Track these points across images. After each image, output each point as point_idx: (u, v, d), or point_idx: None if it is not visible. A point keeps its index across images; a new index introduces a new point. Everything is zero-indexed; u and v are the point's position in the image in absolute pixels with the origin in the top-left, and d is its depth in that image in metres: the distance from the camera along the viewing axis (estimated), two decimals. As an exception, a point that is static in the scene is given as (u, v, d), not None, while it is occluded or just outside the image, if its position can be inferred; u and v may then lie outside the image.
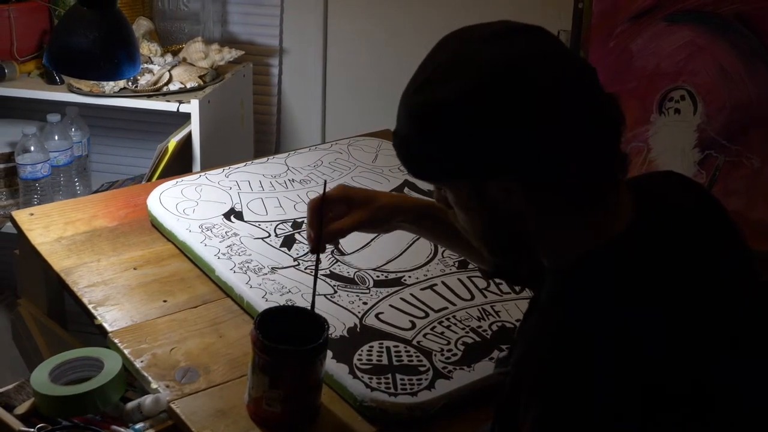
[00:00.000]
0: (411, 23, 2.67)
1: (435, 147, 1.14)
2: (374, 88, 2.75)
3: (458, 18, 2.61)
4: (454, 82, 1.14)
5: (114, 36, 1.80)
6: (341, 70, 2.76)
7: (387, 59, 2.72)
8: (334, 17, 2.71)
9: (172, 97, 2.39)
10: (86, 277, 1.72)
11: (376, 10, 2.68)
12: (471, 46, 1.19)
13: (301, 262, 1.76)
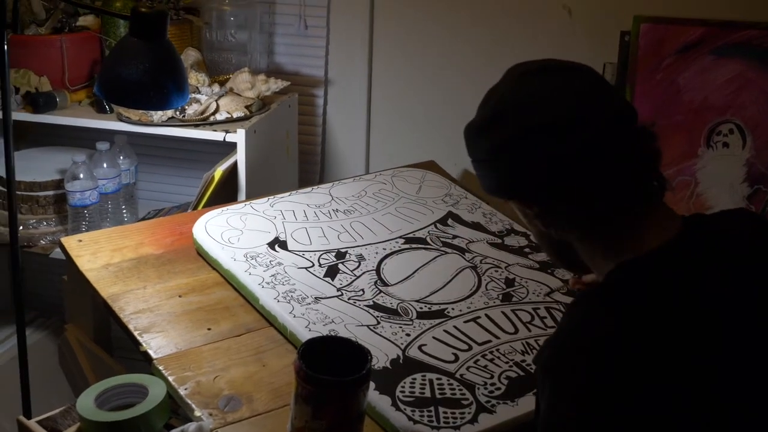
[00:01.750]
0: (455, 56, 2.68)
1: (481, 172, 1.35)
2: (418, 119, 2.76)
3: (502, 52, 2.65)
4: (506, 120, 1.29)
5: (163, 66, 1.82)
6: (385, 101, 2.77)
7: (431, 91, 2.73)
8: (379, 49, 2.73)
9: (218, 126, 2.42)
10: (132, 303, 1.74)
11: (421, 42, 2.70)
12: (518, 84, 1.34)
13: (344, 292, 1.76)
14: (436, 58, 2.70)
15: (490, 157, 1.32)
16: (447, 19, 2.66)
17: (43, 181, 2.58)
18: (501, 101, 1.32)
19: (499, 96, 1.33)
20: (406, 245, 1.95)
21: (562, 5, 2.56)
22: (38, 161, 2.68)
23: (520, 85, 1.32)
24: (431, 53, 2.70)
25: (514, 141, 1.28)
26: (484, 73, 2.61)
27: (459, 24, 2.65)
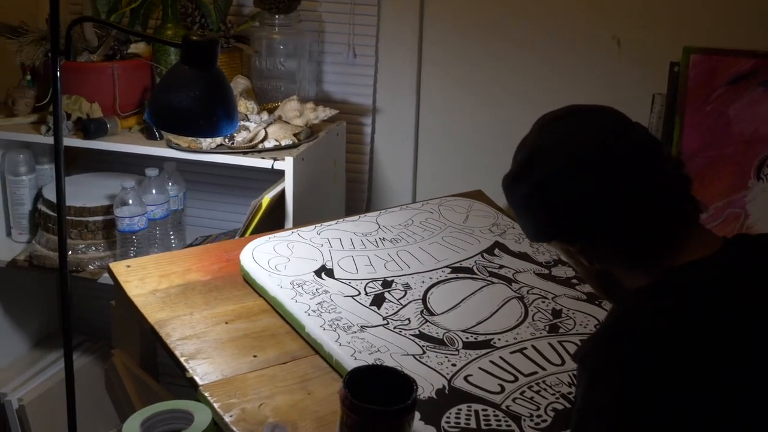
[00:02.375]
0: (503, 85, 2.68)
1: (522, 219, 1.45)
2: (465, 148, 2.75)
3: (550, 82, 2.64)
4: (534, 166, 1.39)
5: (214, 94, 1.84)
6: (433, 129, 2.77)
7: (478, 120, 2.72)
8: (427, 78, 2.74)
9: (267, 154, 2.43)
10: (179, 329, 1.74)
11: (470, 71, 2.70)
12: (544, 131, 1.43)
13: (390, 321, 1.76)
14: (484, 87, 2.70)
15: (527, 203, 1.41)
16: (495, 48, 2.66)
17: (93, 206, 2.61)
18: (530, 149, 1.41)
19: (528, 144, 1.43)
20: (453, 275, 1.94)
21: (611, 36, 2.55)
22: (88, 187, 2.71)
23: (547, 131, 1.42)
24: (479, 82, 2.70)
25: (546, 183, 1.37)
26: (533, 102, 2.63)
27: (508, 53, 2.66)
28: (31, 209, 2.74)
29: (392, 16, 2.70)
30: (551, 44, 2.61)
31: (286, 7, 2.61)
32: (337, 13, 2.74)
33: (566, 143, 1.38)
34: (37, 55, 2.57)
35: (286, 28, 2.66)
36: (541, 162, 1.38)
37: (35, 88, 2.65)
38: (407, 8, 2.68)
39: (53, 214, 2.59)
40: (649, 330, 1.24)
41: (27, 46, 2.57)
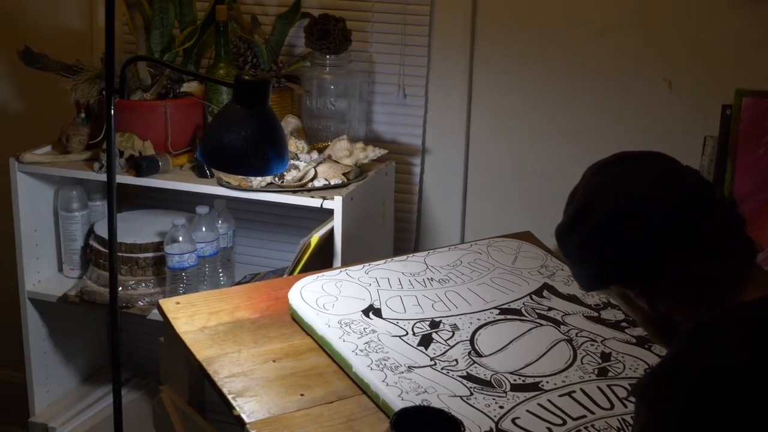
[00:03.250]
0: (553, 127, 2.68)
1: (576, 269, 1.45)
2: (515, 189, 2.75)
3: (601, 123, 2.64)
4: (588, 214, 1.40)
5: (265, 133, 1.85)
6: (482, 170, 2.77)
7: (528, 161, 2.72)
8: (477, 119, 2.74)
9: (316, 193, 2.44)
10: (227, 367, 1.75)
11: (520, 112, 2.70)
12: (595, 179, 1.44)
13: (438, 361, 1.75)
14: (534, 128, 2.70)
15: (583, 250, 1.40)
16: (546, 89, 2.66)
17: (143, 243, 2.63)
18: (582, 197, 1.41)
19: (580, 193, 1.43)
20: (501, 316, 1.93)
21: (663, 78, 2.54)
22: (139, 223, 2.74)
23: (597, 179, 1.42)
24: (529, 123, 2.70)
25: (602, 228, 1.37)
26: (583, 143, 2.62)
27: (558, 94, 2.65)
28: (82, 245, 2.77)
29: (442, 57, 2.72)
30: (602, 85, 2.61)
31: (337, 47, 2.63)
32: (388, 54, 2.76)
33: (619, 189, 1.38)
34: (91, 93, 2.61)
35: (336, 68, 2.68)
36: (594, 209, 1.38)
37: (89, 126, 2.69)
38: (457, 48, 2.69)
39: (104, 250, 2.62)
40: (722, 364, 1.22)
41: (82, 84, 2.61)
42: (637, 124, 2.60)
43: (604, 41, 2.58)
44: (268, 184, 2.46)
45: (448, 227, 2.83)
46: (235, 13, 2.72)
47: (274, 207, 2.71)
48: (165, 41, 2.67)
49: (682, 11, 2.51)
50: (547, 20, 2.62)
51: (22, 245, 2.70)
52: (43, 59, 2.65)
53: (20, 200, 2.66)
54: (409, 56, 2.74)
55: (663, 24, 2.53)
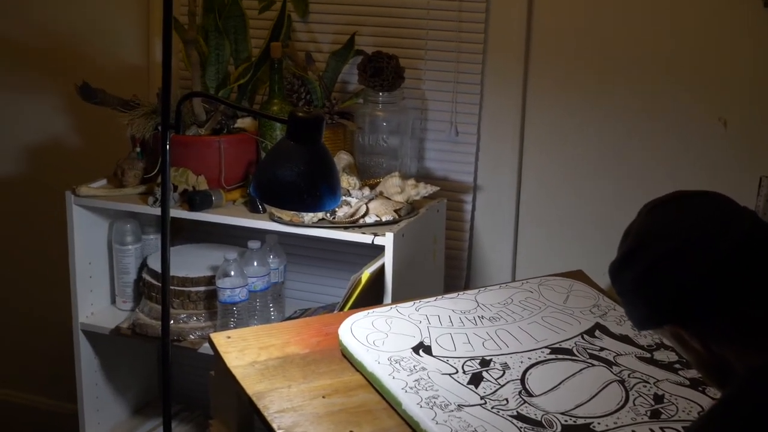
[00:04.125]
0: (606, 166, 2.66)
1: (630, 306, 1.44)
2: (567, 228, 2.74)
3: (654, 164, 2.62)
4: (642, 252, 1.39)
5: (318, 170, 1.86)
6: (534, 208, 2.76)
7: (580, 200, 2.71)
8: (529, 157, 2.73)
9: (367, 229, 2.45)
10: (277, 402, 1.75)
11: (572, 151, 2.69)
12: (651, 216, 1.43)
13: (488, 400, 1.74)
14: (587, 168, 2.69)
15: (636, 288, 1.39)
16: (599, 128, 2.65)
17: (195, 276, 2.65)
18: (637, 234, 1.41)
19: (634, 231, 1.42)
20: (552, 355, 1.92)
21: (718, 118, 2.52)
22: (191, 257, 2.76)
23: (653, 216, 1.41)
24: (582, 163, 2.69)
25: (657, 266, 1.36)
26: (636, 182, 2.61)
27: (611, 133, 2.64)
28: (135, 278, 2.80)
29: (495, 95, 2.72)
30: (656, 124, 2.59)
31: (390, 84, 2.64)
32: (440, 91, 2.77)
33: (674, 228, 1.37)
34: (147, 128, 2.64)
35: (389, 105, 2.69)
36: (648, 248, 1.38)
37: (144, 160, 2.72)
38: (510, 87, 2.69)
39: (157, 283, 2.64)
40: None
41: (138, 119, 2.64)
42: (692, 163, 2.58)
43: (659, 80, 2.57)
44: (320, 219, 2.47)
45: (499, 265, 2.82)
46: (290, 50, 2.75)
47: (325, 243, 2.72)
48: (220, 77, 2.71)
49: (737, 51, 2.49)
50: (601, 60, 2.62)
51: (76, 277, 2.73)
52: (101, 94, 2.69)
53: (75, 233, 2.70)
54: (462, 94, 2.74)
55: (718, 63, 2.52)
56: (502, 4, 2.67)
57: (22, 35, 3.18)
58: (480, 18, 2.69)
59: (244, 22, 2.72)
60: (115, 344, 2.86)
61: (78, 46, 3.12)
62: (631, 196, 2.60)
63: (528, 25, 2.65)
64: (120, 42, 3.08)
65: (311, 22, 2.85)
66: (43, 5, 3.14)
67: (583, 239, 2.72)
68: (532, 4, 2.65)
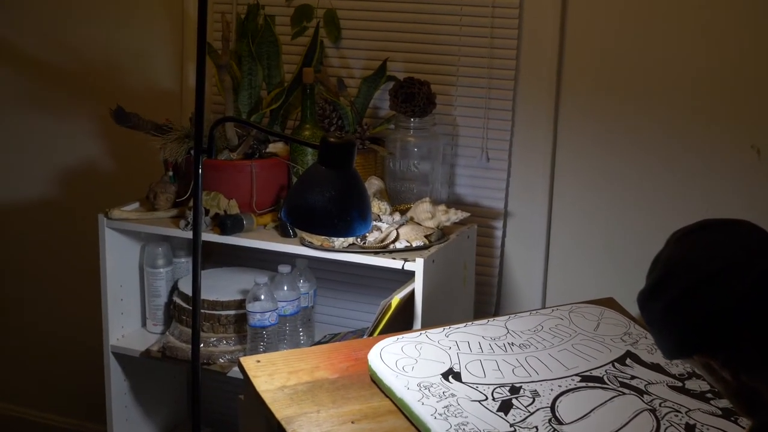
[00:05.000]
0: (638, 194, 2.65)
1: (659, 336, 1.42)
2: (597, 255, 2.72)
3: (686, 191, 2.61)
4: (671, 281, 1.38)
5: (349, 195, 1.87)
6: (565, 235, 2.75)
7: (611, 227, 2.70)
8: (560, 184, 2.73)
9: (398, 254, 2.44)
10: (305, 427, 1.75)
11: (604, 178, 2.68)
12: (680, 244, 1.42)
13: (517, 428, 1.73)
14: (619, 196, 2.68)
15: (665, 317, 1.38)
16: (630, 155, 2.65)
17: (226, 300, 2.66)
18: (666, 263, 1.40)
19: (663, 259, 1.41)
20: (583, 383, 1.91)
21: (751, 145, 2.51)
22: (222, 281, 2.77)
23: (682, 245, 1.41)
24: (614, 190, 2.68)
25: (686, 296, 1.35)
26: (667, 211, 2.60)
27: (642, 160, 2.64)
28: (166, 301, 2.81)
29: (526, 121, 2.72)
30: (688, 152, 2.58)
31: (421, 110, 2.65)
32: (472, 117, 2.77)
33: (702, 257, 1.36)
34: (180, 152, 2.66)
35: (420, 131, 2.70)
36: (677, 277, 1.37)
37: (176, 184, 2.74)
38: (541, 113, 2.69)
39: (187, 306, 2.65)
40: None
41: (171, 143, 2.66)
42: (724, 192, 2.56)
43: (691, 108, 2.57)
44: (350, 244, 2.47)
45: (530, 291, 2.81)
46: (322, 75, 2.76)
47: (355, 267, 2.72)
48: (252, 102, 2.73)
49: (771, 78, 2.49)
50: (632, 88, 2.62)
51: (107, 300, 2.74)
52: (135, 118, 2.71)
53: (107, 255, 2.71)
54: (493, 120, 2.75)
55: (750, 91, 2.51)
56: (534, 31, 2.67)
57: (57, 59, 3.22)
58: (512, 44, 2.70)
59: (277, 47, 2.74)
60: (145, 367, 2.87)
61: (113, 71, 3.15)
62: (662, 224, 2.58)
63: (560, 51, 2.66)
64: (154, 67, 3.11)
65: (343, 48, 2.86)
66: (78, 29, 3.18)
67: (614, 266, 2.70)
68: (564, 31, 2.65)
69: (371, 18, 2.83)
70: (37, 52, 3.24)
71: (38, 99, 3.28)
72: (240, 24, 2.73)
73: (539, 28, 2.67)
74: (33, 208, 3.37)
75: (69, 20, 3.19)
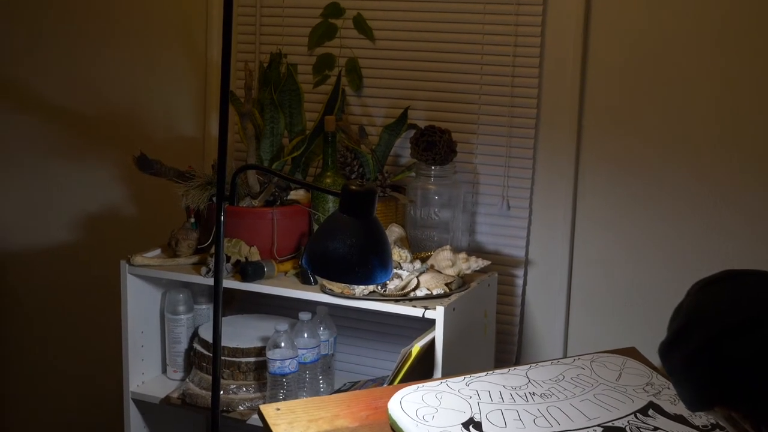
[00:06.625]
0: (660, 243, 2.65)
1: (680, 387, 1.41)
2: (619, 304, 2.71)
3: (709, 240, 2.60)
4: (692, 331, 1.37)
5: (370, 243, 1.87)
6: (586, 284, 2.74)
7: (633, 277, 2.69)
8: (581, 232, 2.72)
9: (418, 302, 2.44)
10: (325, 476, 1.74)
11: (625, 227, 2.68)
12: (701, 295, 1.41)
13: (538, 479, 1.72)
14: (640, 245, 2.67)
15: (686, 369, 1.37)
16: (652, 204, 2.64)
17: (246, 347, 2.66)
18: (688, 313, 1.39)
19: (685, 309, 1.40)
20: (604, 434, 1.89)
21: (773, 194, 2.51)
22: (242, 327, 2.77)
23: (704, 295, 1.40)
24: (635, 239, 2.67)
25: (707, 347, 1.34)
26: (690, 260, 2.58)
27: (665, 210, 2.63)
28: (186, 348, 2.81)
29: (547, 170, 2.72)
30: (712, 200, 2.58)
31: (442, 158, 2.66)
32: (492, 165, 2.78)
33: (724, 308, 1.35)
34: (202, 199, 2.67)
35: (441, 179, 2.70)
36: (698, 328, 1.36)
37: (198, 231, 2.75)
38: (562, 161, 2.70)
39: (208, 353, 2.65)
40: None
41: (193, 190, 2.68)
42: (748, 241, 2.55)
43: (715, 155, 2.56)
44: (371, 292, 2.47)
45: (551, 340, 2.79)
46: (343, 123, 2.78)
47: (376, 315, 2.72)
48: (274, 150, 2.74)
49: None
50: (654, 136, 2.62)
51: (128, 346, 2.75)
52: (157, 165, 2.73)
53: (129, 301, 2.72)
54: (514, 168, 2.75)
55: (771, 138, 2.51)
56: (555, 79, 2.68)
57: (82, 106, 3.25)
58: (533, 93, 2.71)
59: (299, 95, 2.76)
60: (164, 413, 2.86)
61: (136, 118, 3.18)
62: (684, 273, 2.57)
63: (580, 99, 2.66)
64: (177, 114, 3.13)
65: (365, 96, 2.88)
66: (103, 77, 3.22)
67: (635, 316, 2.69)
68: (584, 78, 2.66)
69: (392, 66, 2.85)
70: (63, 99, 3.28)
71: (63, 145, 3.31)
72: (263, 72, 2.76)
73: (559, 76, 2.68)
74: (57, 253, 3.39)
75: (93, 68, 3.22)
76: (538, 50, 2.69)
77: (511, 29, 2.71)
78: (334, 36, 2.87)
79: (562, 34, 2.67)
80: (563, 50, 2.67)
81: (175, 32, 3.10)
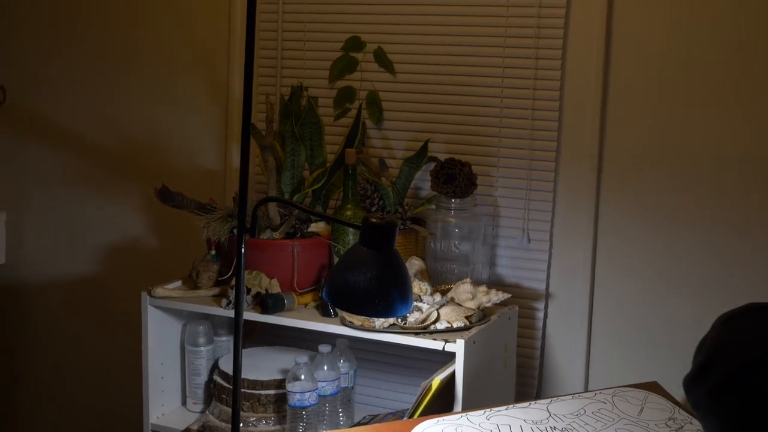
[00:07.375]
0: (680, 278, 2.63)
1: (705, 421, 1.37)
2: (641, 338, 2.70)
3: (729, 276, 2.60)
4: (717, 364, 1.35)
5: (390, 276, 1.87)
6: (607, 317, 2.73)
7: (654, 311, 2.67)
8: (602, 266, 2.72)
9: (438, 335, 2.44)
10: None
11: (646, 261, 2.67)
12: (725, 329, 1.40)
13: None
14: (661, 280, 2.66)
15: (710, 402, 1.35)
16: (674, 237, 2.63)
17: (266, 380, 2.66)
18: (711, 347, 1.38)
19: (709, 342, 1.39)
20: (626, 469, 1.88)
21: (795, 227, 2.49)
22: (262, 360, 2.77)
23: (729, 328, 1.38)
24: (656, 274, 2.66)
25: (729, 383, 1.32)
26: (713, 294, 2.57)
27: (686, 243, 2.62)
28: (206, 380, 2.81)
29: (567, 203, 2.72)
30: (733, 235, 2.57)
31: (462, 191, 2.66)
32: (513, 198, 2.78)
33: (749, 342, 1.34)
34: (223, 231, 2.68)
35: (461, 212, 2.70)
36: (723, 361, 1.35)
37: (218, 263, 2.75)
38: (583, 195, 2.69)
39: (228, 385, 2.65)
40: None
41: (214, 222, 2.69)
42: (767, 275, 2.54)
43: (736, 189, 2.55)
44: (391, 325, 2.47)
45: (572, 374, 2.78)
46: (364, 156, 2.79)
47: (395, 348, 2.71)
48: (295, 182, 2.75)
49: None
50: (676, 169, 2.61)
51: (148, 377, 2.75)
52: (179, 197, 2.75)
53: (149, 333, 2.73)
54: (534, 201, 2.75)
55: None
56: (575, 112, 2.69)
57: (105, 139, 3.28)
58: (553, 126, 2.71)
59: (320, 128, 2.77)
60: (184, 446, 2.86)
61: (158, 151, 3.20)
62: (707, 307, 2.56)
63: (601, 131, 2.67)
64: (199, 147, 3.15)
65: (385, 129, 2.89)
66: (125, 111, 3.24)
67: (657, 350, 2.67)
68: (605, 112, 2.66)
69: (413, 100, 2.86)
70: (86, 132, 3.31)
71: (85, 178, 3.33)
72: (284, 105, 2.77)
73: (580, 109, 2.68)
74: (78, 284, 3.40)
75: (115, 101, 3.25)
76: (559, 83, 2.69)
77: (531, 62, 2.72)
78: (355, 69, 2.89)
79: (583, 68, 2.67)
80: (584, 84, 2.67)
81: (197, 65, 3.13)
